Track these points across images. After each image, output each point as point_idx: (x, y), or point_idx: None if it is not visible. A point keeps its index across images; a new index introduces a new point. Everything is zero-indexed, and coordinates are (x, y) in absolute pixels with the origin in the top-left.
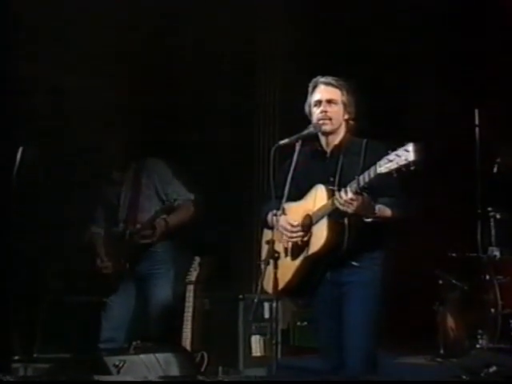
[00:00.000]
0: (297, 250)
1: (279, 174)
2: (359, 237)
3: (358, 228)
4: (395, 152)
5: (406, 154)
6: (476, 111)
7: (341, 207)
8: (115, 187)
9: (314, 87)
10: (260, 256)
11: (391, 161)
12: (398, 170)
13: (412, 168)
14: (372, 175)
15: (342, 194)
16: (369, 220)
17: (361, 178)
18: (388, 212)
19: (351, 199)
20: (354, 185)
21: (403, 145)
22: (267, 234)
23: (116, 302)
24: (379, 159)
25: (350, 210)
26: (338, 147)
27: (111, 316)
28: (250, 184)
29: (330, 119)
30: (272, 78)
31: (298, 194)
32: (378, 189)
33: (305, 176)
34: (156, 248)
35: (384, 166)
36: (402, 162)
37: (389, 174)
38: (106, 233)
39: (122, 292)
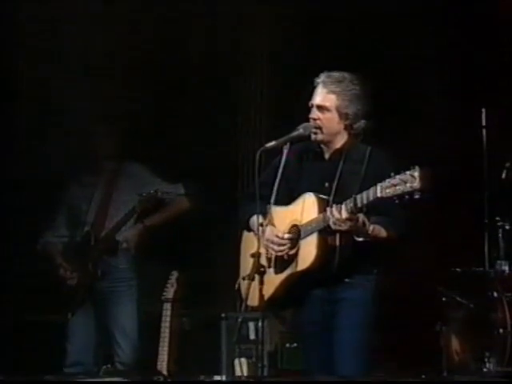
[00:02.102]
0: (282, 263)
1: (268, 169)
2: (352, 252)
3: (351, 244)
4: (400, 176)
5: (412, 180)
6: (483, 111)
7: (332, 225)
8: (86, 190)
9: (315, 86)
10: (239, 262)
11: (395, 185)
12: (401, 196)
13: (416, 196)
14: (371, 198)
15: (336, 211)
16: (360, 239)
17: (358, 198)
18: (383, 233)
19: (345, 219)
20: (350, 204)
21: (409, 168)
22: (249, 240)
23: (79, 321)
24: (382, 172)
25: (342, 229)
26: (338, 152)
27: (76, 337)
28: (233, 191)
29: (320, 128)
30: (258, 78)
31: (288, 196)
32: (373, 206)
33: (297, 176)
34: (118, 263)
35: (386, 191)
36: (407, 190)
37: (390, 198)
38: (69, 239)
39: (86, 309)
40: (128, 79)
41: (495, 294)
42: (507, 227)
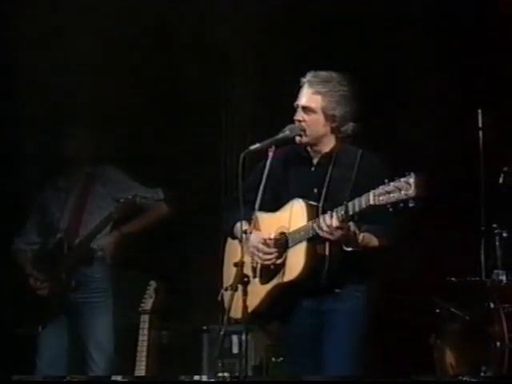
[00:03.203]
0: (268, 273)
1: (253, 173)
2: (342, 262)
3: (341, 253)
4: (394, 183)
5: (407, 187)
6: (479, 112)
7: (321, 233)
8: (59, 194)
9: (301, 85)
10: (222, 272)
11: (389, 193)
12: (395, 204)
13: (411, 205)
14: (364, 205)
15: (327, 218)
16: (348, 249)
17: (350, 205)
18: (374, 242)
19: (336, 228)
20: (341, 211)
21: (404, 174)
22: (233, 249)
23: (51, 334)
24: (374, 176)
25: (332, 238)
26: (327, 156)
27: (46, 351)
28: (216, 196)
29: (304, 130)
30: (242, 78)
31: (274, 201)
32: (364, 213)
33: (284, 181)
34: (93, 273)
35: (379, 198)
36: (401, 197)
37: (383, 206)
38: (40, 246)
39: (59, 322)
40: (106, 79)
41: (492, 305)
42: (505, 235)
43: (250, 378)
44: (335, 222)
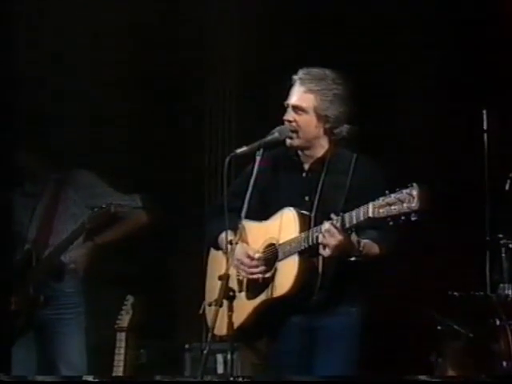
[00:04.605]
0: (256, 287)
1: (239, 179)
2: (336, 276)
3: (335, 266)
4: (396, 195)
5: (410, 199)
6: (484, 113)
7: (322, 239)
8: (27, 201)
9: (292, 84)
10: (205, 286)
11: (389, 205)
12: (396, 217)
13: (414, 218)
14: (362, 218)
15: (327, 224)
16: (352, 259)
17: (347, 217)
18: (375, 249)
19: (339, 234)
20: (337, 224)
21: (406, 186)
22: (217, 260)
23: (18, 354)
24: (370, 183)
25: (332, 254)
26: (319, 161)
27: (13, 372)
28: (199, 203)
29: (296, 132)
30: (226, 75)
31: (262, 210)
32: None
33: (273, 188)
34: (64, 287)
35: (379, 210)
36: (403, 210)
37: (383, 219)
38: (6, 258)
39: (27, 340)
40: (80, 80)
41: (498, 322)
42: (511, 246)
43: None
44: (337, 230)
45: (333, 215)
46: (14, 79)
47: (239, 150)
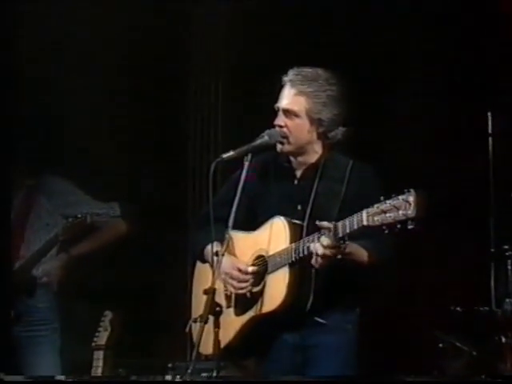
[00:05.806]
0: (244, 302)
1: (226, 186)
2: (329, 290)
3: (328, 280)
4: (391, 201)
5: (406, 206)
6: (489, 116)
7: (314, 262)
8: None
9: (282, 85)
10: (190, 301)
11: (384, 212)
12: (392, 225)
13: (410, 226)
14: (355, 226)
15: (319, 246)
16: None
17: (340, 226)
18: (361, 253)
19: (333, 248)
20: (330, 233)
21: (403, 191)
22: (203, 273)
23: None
24: (367, 191)
25: (324, 264)
26: (312, 168)
27: None
28: (182, 212)
29: (287, 137)
30: (213, 76)
31: (251, 219)
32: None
33: (263, 196)
34: (36, 302)
35: (373, 218)
36: (399, 218)
37: (378, 227)
38: None
39: None
40: (60, 82)
41: (503, 339)
42: None
43: None
44: (330, 243)
45: (324, 223)
46: None
47: (226, 155)
